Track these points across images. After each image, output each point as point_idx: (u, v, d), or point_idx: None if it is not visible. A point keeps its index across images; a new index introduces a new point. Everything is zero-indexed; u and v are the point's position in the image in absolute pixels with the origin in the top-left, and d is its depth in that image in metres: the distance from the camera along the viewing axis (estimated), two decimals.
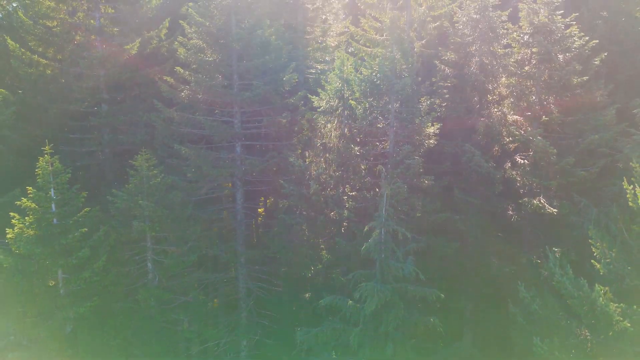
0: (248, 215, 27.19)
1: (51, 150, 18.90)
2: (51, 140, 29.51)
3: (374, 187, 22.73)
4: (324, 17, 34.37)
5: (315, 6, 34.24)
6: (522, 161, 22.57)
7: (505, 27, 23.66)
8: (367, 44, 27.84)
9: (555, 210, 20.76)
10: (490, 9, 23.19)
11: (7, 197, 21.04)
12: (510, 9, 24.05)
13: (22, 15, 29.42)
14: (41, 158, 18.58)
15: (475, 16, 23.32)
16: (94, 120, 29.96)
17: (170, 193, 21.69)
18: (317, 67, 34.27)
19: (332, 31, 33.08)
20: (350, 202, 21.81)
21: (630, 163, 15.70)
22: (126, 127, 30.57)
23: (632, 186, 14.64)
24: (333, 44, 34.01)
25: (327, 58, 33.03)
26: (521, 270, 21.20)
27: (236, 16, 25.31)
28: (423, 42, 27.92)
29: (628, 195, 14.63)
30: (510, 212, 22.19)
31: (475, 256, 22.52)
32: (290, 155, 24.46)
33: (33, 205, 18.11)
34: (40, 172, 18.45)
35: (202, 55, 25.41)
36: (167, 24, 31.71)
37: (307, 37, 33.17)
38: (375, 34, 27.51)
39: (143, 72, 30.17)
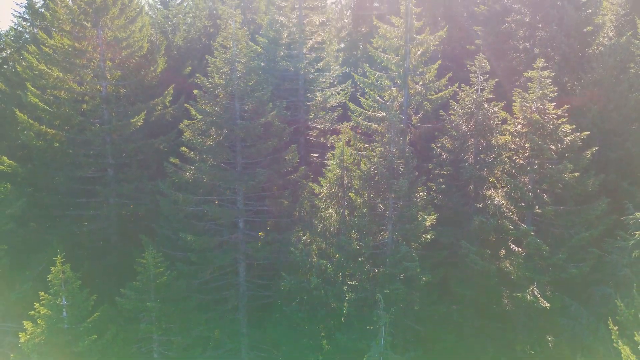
0: (250, 288, 27.96)
1: (63, 259, 19.60)
2: (58, 207, 30.92)
3: (373, 270, 23.49)
4: (323, 80, 35.28)
5: (316, 68, 35.17)
6: (517, 249, 23.31)
7: (500, 117, 24.44)
8: (367, 120, 28.58)
9: (548, 304, 21.47)
10: (485, 103, 23.98)
11: (19, 293, 21.81)
12: (504, 102, 24.84)
13: (30, 86, 30.23)
14: (53, 268, 19.30)
15: (471, 106, 24.09)
16: (100, 188, 30.78)
17: (175, 282, 22.40)
18: (318, 127, 35.24)
19: (332, 98, 33.92)
20: (350, 293, 22.55)
21: (616, 300, 16.43)
22: (132, 192, 31.42)
23: (616, 327, 15.37)
24: (334, 104, 34.93)
25: (327, 124, 33.94)
26: None
27: (240, 101, 26.09)
28: (420, 115, 28.72)
29: (613, 337, 15.37)
30: (505, 301, 22.90)
31: (472, 345, 23.20)
32: (291, 236, 25.30)
33: (45, 311, 18.85)
34: (53, 279, 19.16)
35: (206, 138, 26.16)
36: (172, 90, 32.62)
37: (308, 103, 34.02)
38: (375, 111, 28.29)
39: (148, 142, 31.02)
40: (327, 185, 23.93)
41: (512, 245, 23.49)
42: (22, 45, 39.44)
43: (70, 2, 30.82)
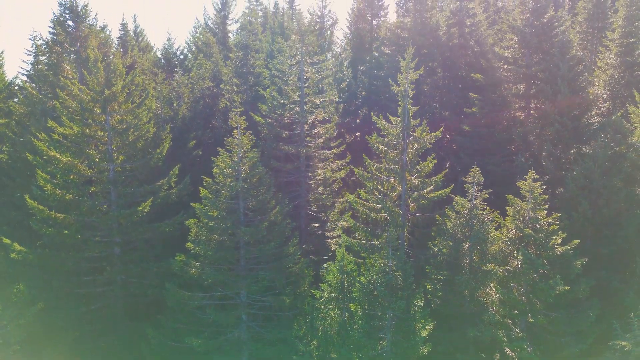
0: None
1: None
2: (65, 286, 31.83)
3: None
4: (324, 153, 36.37)
5: (317, 142, 36.24)
6: (511, 353, 24.29)
7: (495, 222, 25.47)
8: (367, 210, 29.58)
9: None
10: (480, 211, 25.00)
11: None
12: (498, 210, 25.87)
13: (40, 172, 31.18)
14: None
15: (466, 214, 25.12)
16: (107, 266, 31.79)
17: None
18: (319, 201, 36.39)
19: (334, 174, 35.04)
20: None
21: None
22: (138, 272, 32.38)
23: None
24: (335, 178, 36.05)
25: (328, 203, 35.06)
26: None
27: (244, 202, 27.11)
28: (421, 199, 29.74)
29: None
30: None
31: None
32: (292, 331, 26.37)
33: None
34: None
35: (211, 236, 27.16)
36: (177, 171, 33.55)
37: (309, 182, 35.11)
38: (374, 204, 29.30)
39: (154, 226, 31.99)
40: (328, 289, 24.89)
41: (507, 350, 24.45)
42: (31, 108, 40.62)
43: (78, 89, 31.92)
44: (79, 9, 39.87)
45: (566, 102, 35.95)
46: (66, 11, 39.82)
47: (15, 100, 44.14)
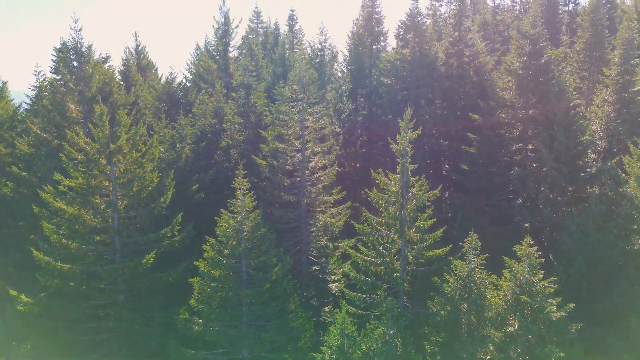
0: None
1: None
2: (70, 333, 32.43)
3: None
4: (325, 198, 36.98)
5: (317, 188, 36.84)
6: None
7: (492, 284, 26.12)
8: (367, 264, 30.20)
9: None
10: (478, 275, 25.63)
11: None
12: (495, 272, 26.50)
13: (46, 223, 31.76)
14: None
15: (464, 276, 25.76)
16: (111, 319, 32.38)
17: None
18: (320, 243, 36.99)
19: (334, 223, 35.68)
20: None
21: None
22: (142, 319, 32.97)
23: None
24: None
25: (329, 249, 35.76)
26: None
27: (246, 261, 27.73)
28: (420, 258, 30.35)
29: None
30: None
31: None
32: None
33: None
34: None
35: (214, 293, 27.80)
36: (180, 219, 34.13)
37: (310, 228, 35.74)
38: (374, 259, 29.93)
39: (157, 276, 32.57)
40: (329, 352, 25.49)
41: None
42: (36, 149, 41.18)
43: (84, 142, 32.46)
44: (83, 49, 40.10)
45: (563, 149, 36.51)
46: (71, 52, 40.10)
47: (16, 131, 44.45)
